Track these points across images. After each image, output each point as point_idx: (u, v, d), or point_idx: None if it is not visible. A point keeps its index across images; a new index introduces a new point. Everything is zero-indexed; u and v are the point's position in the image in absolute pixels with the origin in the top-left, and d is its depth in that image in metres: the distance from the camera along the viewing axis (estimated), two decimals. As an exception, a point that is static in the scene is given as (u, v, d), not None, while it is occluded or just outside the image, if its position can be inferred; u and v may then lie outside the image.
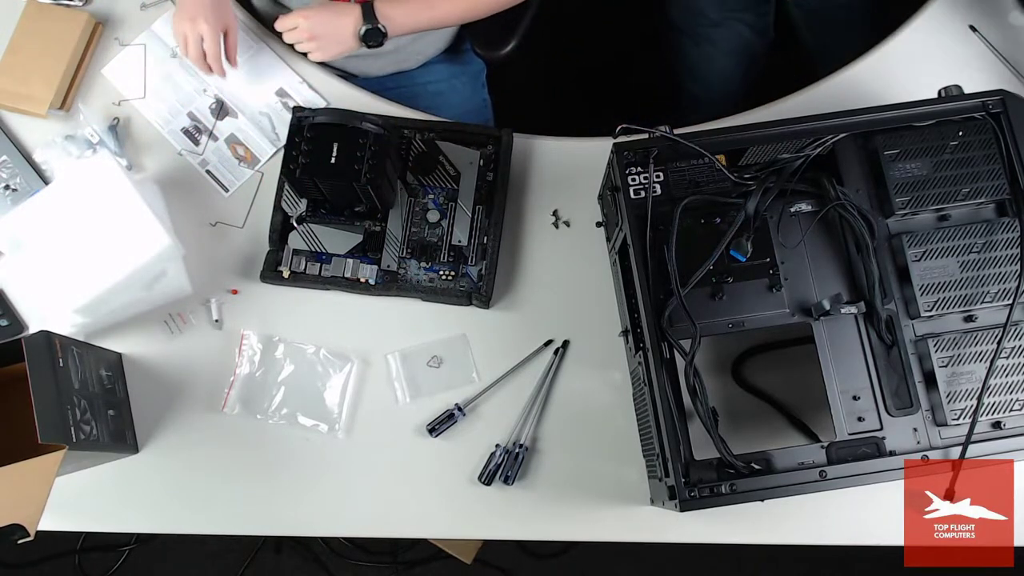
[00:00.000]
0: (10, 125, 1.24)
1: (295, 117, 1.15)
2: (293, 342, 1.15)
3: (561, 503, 1.09)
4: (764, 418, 1.09)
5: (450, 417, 1.11)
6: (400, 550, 1.90)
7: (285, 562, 1.90)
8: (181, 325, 1.16)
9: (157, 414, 1.13)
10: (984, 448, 0.87)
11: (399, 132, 1.19)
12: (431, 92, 1.36)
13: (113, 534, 1.89)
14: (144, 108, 1.24)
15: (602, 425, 1.10)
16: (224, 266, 1.18)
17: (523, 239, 1.19)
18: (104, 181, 1.06)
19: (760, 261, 0.94)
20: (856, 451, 0.89)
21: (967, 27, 1.23)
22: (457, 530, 1.12)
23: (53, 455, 0.90)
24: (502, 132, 1.18)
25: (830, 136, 0.94)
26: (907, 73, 1.22)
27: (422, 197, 1.18)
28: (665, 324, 0.91)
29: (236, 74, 1.25)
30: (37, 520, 0.90)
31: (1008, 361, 0.89)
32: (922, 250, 0.91)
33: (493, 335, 1.14)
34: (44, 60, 1.21)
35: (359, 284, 1.14)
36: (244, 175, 1.22)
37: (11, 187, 1.20)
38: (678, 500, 0.85)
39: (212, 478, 1.11)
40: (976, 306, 0.91)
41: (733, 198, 0.94)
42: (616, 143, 0.95)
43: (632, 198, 0.95)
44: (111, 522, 1.12)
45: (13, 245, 1.06)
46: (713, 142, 0.94)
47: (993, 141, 0.93)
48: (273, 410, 1.13)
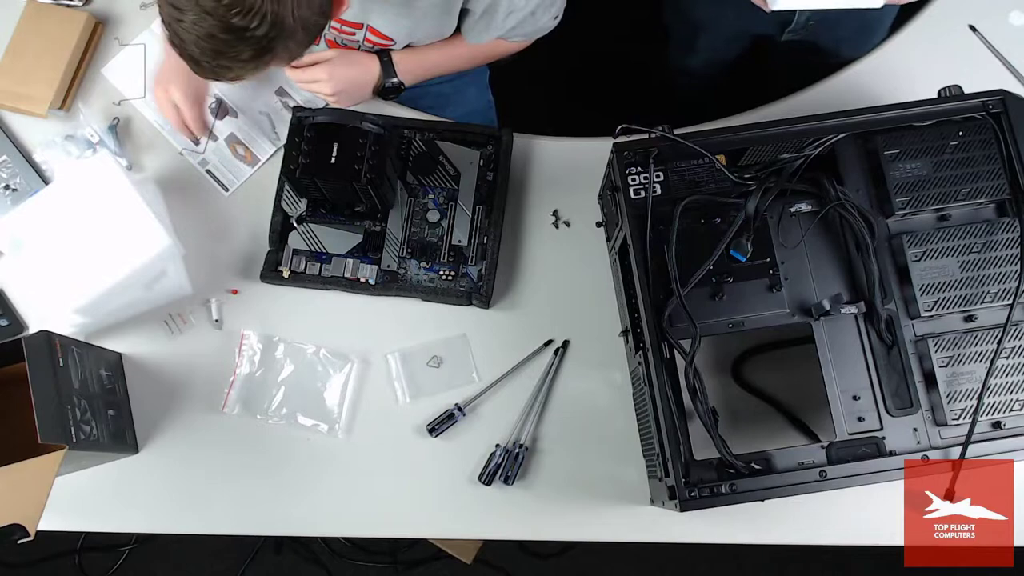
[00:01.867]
0: (10, 125, 1.24)
1: (295, 117, 1.15)
2: (293, 342, 1.15)
3: (561, 503, 1.09)
4: (764, 418, 1.09)
5: (450, 417, 1.11)
6: (400, 550, 1.90)
7: (285, 562, 1.90)
8: (181, 325, 1.16)
9: (157, 414, 1.13)
10: (984, 448, 0.87)
11: (399, 132, 1.19)
12: (435, 93, 1.36)
13: (113, 534, 1.89)
14: (144, 108, 1.24)
15: (602, 425, 1.10)
16: (224, 266, 1.18)
17: (523, 239, 1.19)
18: (104, 181, 1.06)
19: (760, 261, 0.94)
20: (856, 451, 0.89)
21: (967, 27, 1.23)
22: (457, 530, 1.12)
23: (53, 455, 0.90)
24: (502, 132, 1.18)
25: (830, 136, 0.94)
26: (907, 73, 1.22)
27: (422, 197, 1.18)
28: (665, 324, 0.91)
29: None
30: (37, 520, 0.90)
31: (1008, 361, 0.89)
32: (922, 250, 0.91)
33: (493, 335, 1.14)
34: (44, 60, 1.21)
35: (359, 284, 1.14)
36: (244, 175, 1.22)
37: (11, 187, 1.20)
38: (678, 500, 0.85)
39: (212, 478, 1.11)
40: (976, 306, 0.91)
41: (733, 198, 0.94)
42: (616, 143, 0.95)
43: (632, 198, 0.95)
44: (111, 522, 1.12)
45: (13, 245, 1.06)
46: (713, 142, 0.94)
47: (993, 141, 0.93)
48: (273, 410, 1.13)
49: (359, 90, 1.20)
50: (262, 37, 0.84)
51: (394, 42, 1.18)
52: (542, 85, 1.94)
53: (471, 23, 1.17)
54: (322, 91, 1.17)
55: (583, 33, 1.90)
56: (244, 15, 0.81)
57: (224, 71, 0.88)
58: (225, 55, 0.85)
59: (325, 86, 1.16)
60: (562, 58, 1.83)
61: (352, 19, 1.13)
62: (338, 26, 1.16)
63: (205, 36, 0.83)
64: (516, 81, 1.60)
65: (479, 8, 1.13)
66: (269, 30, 0.83)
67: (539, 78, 1.89)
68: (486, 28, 1.17)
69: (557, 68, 1.91)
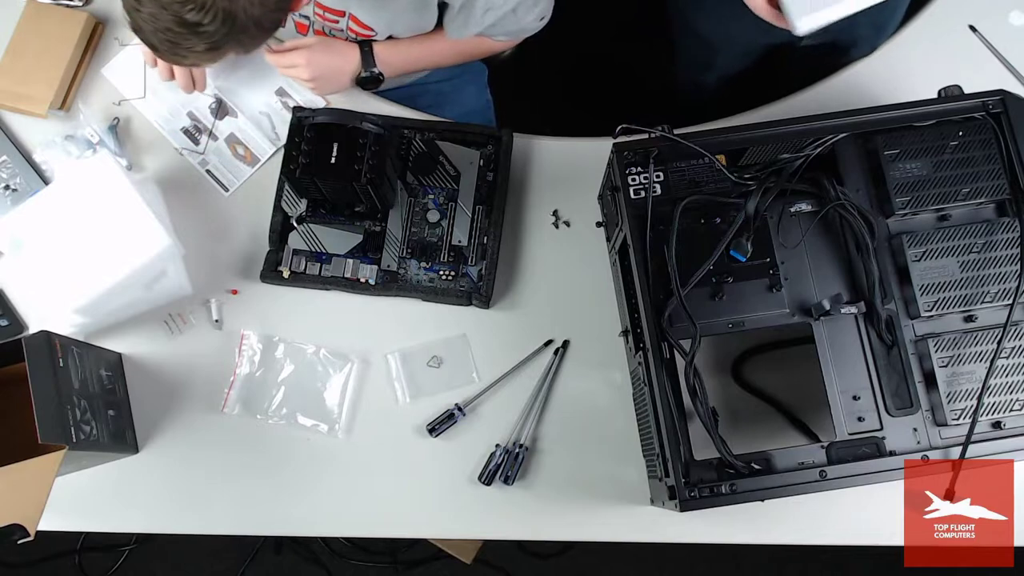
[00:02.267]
0: (10, 125, 1.24)
1: (295, 117, 1.15)
2: (293, 342, 1.15)
3: (561, 503, 1.09)
4: (764, 418, 1.09)
5: (450, 417, 1.11)
6: (400, 550, 1.89)
7: (285, 562, 1.90)
8: (181, 325, 1.16)
9: (157, 414, 1.13)
10: (984, 448, 0.87)
11: (399, 132, 1.19)
12: (434, 93, 1.36)
13: (113, 534, 1.89)
14: (144, 108, 1.24)
15: (602, 425, 1.10)
16: (224, 266, 1.18)
17: (523, 239, 1.19)
18: (104, 181, 1.06)
19: (760, 261, 0.94)
20: (856, 451, 0.89)
21: (967, 27, 1.23)
22: (457, 530, 1.12)
23: (53, 455, 0.90)
24: (502, 132, 1.18)
25: (830, 136, 0.94)
26: (907, 73, 1.22)
27: (422, 197, 1.18)
28: (665, 324, 0.91)
29: (236, 74, 1.25)
30: (37, 520, 0.90)
31: (1008, 361, 0.89)
32: (922, 250, 0.91)
33: (493, 335, 1.14)
34: (44, 60, 1.21)
35: (359, 284, 1.14)
36: (244, 175, 1.22)
37: (11, 187, 1.20)
38: (678, 500, 0.85)
39: (212, 478, 1.11)
40: (976, 306, 0.91)
41: (733, 198, 0.94)
42: (616, 143, 0.95)
43: (632, 198, 0.95)
44: (111, 522, 1.12)
45: (13, 245, 1.06)
46: (713, 142, 0.94)
47: (993, 141, 0.93)
48: (273, 410, 1.13)
49: (337, 77, 1.20)
50: (214, 32, 0.90)
51: (375, 32, 1.18)
52: (542, 85, 1.94)
53: (450, 17, 1.18)
54: (300, 76, 1.18)
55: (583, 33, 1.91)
56: (197, 11, 0.87)
57: (181, 59, 0.95)
58: (180, 46, 0.91)
59: (303, 71, 1.16)
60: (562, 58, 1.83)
61: (334, 6, 1.14)
62: (322, 12, 1.16)
63: (162, 29, 0.89)
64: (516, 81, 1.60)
65: (457, 2, 1.14)
66: (220, 26, 0.89)
67: (539, 78, 1.89)
68: (465, 23, 1.17)
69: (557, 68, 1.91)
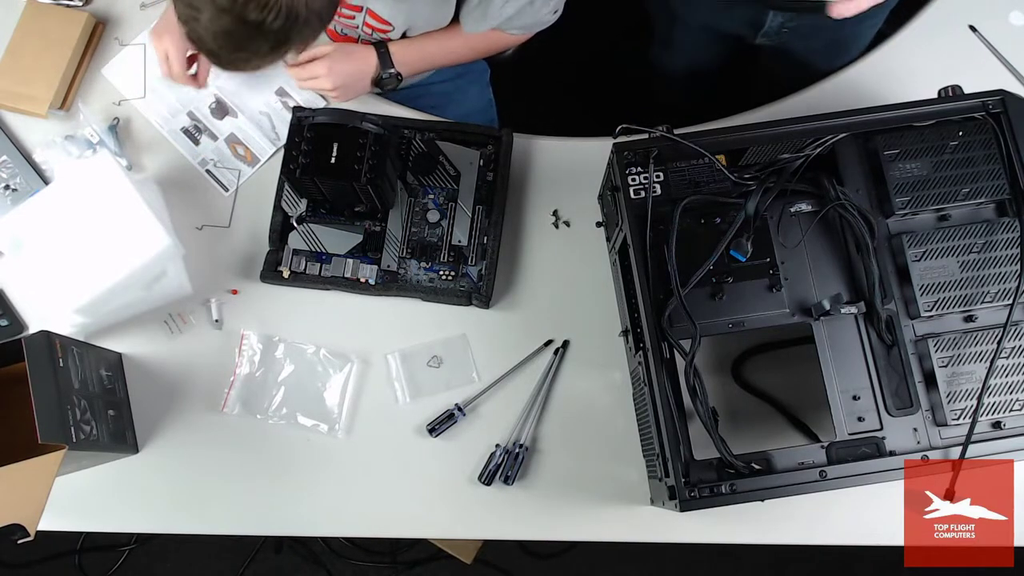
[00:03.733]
0: (10, 125, 1.24)
1: (295, 117, 1.15)
2: (293, 342, 1.15)
3: (561, 503, 1.09)
4: (764, 418, 1.09)
5: (450, 417, 1.11)
6: (400, 550, 1.90)
7: (285, 562, 1.90)
8: (181, 325, 1.16)
9: (157, 414, 1.13)
10: (984, 448, 0.87)
11: (399, 132, 1.19)
12: (436, 93, 1.36)
13: (113, 534, 1.89)
14: (144, 108, 1.24)
15: (602, 425, 1.10)
16: (224, 266, 1.18)
17: (523, 239, 1.19)
18: (104, 181, 1.06)
19: (760, 261, 0.94)
20: (856, 451, 0.89)
21: (967, 27, 1.24)
22: (457, 530, 1.12)
23: (53, 455, 0.90)
24: (502, 132, 1.18)
25: (830, 136, 0.94)
26: (907, 73, 1.22)
27: (422, 197, 1.18)
28: (665, 324, 0.90)
29: (236, 74, 1.25)
30: (37, 520, 0.90)
31: (1008, 361, 0.89)
32: (922, 250, 0.91)
33: (493, 335, 1.14)
34: (44, 60, 1.21)
35: (359, 284, 1.14)
36: (244, 175, 1.22)
37: (11, 187, 1.20)
38: (678, 500, 0.85)
39: (212, 478, 1.11)
40: (976, 306, 0.91)
41: (733, 198, 0.94)
42: (616, 143, 0.95)
43: (632, 198, 0.95)
44: (111, 522, 1.12)
45: (13, 245, 1.06)
46: (713, 142, 0.94)
47: (993, 141, 0.93)
48: (273, 410, 1.13)
49: (359, 83, 1.20)
50: (278, 30, 0.84)
51: (392, 27, 1.18)
52: (543, 85, 1.94)
53: (468, 9, 1.17)
54: (323, 87, 1.18)
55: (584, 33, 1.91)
56: (260, 10, 0.82)
57: (244, 63, 0.90)
58: (244, 49, 0.87)
59: (326, 81, 1.16)
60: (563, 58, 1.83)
61: (353, 1, 1.14)
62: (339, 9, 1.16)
63: (222, 33, 0.84)
64: (517, 81, 1.60)
65: None
66: (284, 22, 0.84)
67: (540, 78, 1.89)
68: (483, 16, 1.16)
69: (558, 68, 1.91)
